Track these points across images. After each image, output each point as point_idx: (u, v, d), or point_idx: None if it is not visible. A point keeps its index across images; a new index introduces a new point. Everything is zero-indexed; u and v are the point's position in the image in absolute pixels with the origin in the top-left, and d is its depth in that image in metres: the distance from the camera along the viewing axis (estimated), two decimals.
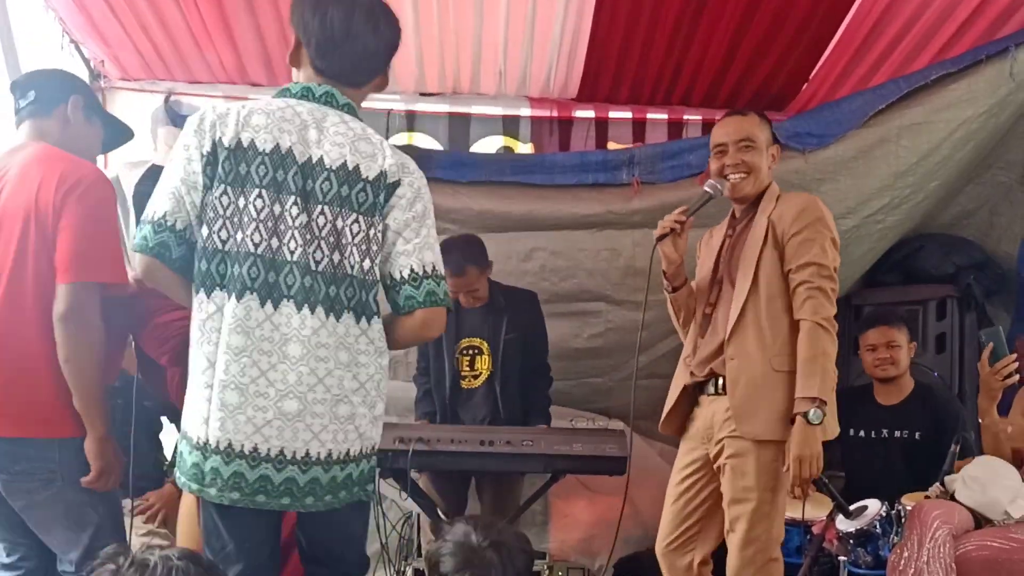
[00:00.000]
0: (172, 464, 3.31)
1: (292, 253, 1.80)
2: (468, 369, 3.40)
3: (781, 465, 2.43)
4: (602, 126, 4.11)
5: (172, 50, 3.66)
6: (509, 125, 4.16)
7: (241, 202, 1.79)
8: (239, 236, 1.79)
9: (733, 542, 2.51)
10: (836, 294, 2.45)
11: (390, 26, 1.94)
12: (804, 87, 3.87)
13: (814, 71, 3.75)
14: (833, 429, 2.49)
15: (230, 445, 1.77)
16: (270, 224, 1.80)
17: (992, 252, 3.89)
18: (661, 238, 2.62)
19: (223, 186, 1.79)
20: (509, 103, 4.09)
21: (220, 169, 1.79)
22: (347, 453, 1.86)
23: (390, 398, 3.88)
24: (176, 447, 1.91)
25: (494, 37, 3.60)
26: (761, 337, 2.46)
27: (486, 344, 3.37)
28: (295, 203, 1.80)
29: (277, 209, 1.80)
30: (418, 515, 3.59)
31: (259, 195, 1.79)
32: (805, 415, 2.34)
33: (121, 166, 3.63)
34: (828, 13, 3.37)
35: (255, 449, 1.77)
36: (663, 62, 3.70)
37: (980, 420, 3.08)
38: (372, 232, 1.85)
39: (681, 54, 3.64)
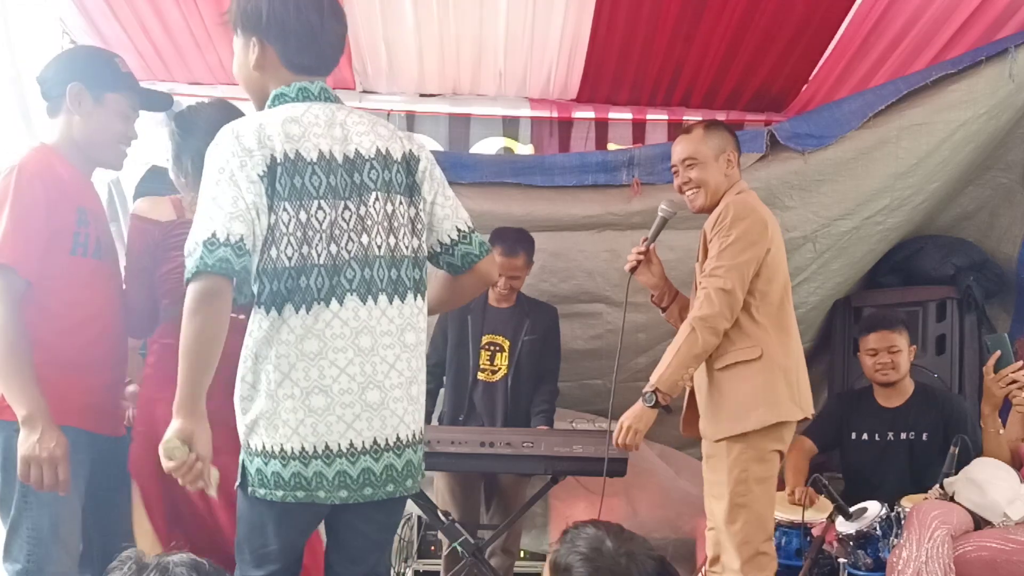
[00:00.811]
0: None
1: (349, 252, 1.82)
2: (488, 363, 3.52)
3: (755, 457, 2.52)
4: (602, 127, 4.11)
5: (172, 50, 3.66)
6: (509, 126, 4.17)
7: (303, 216, 1.78)
8: (305, 250, 1.78)
9: (719, 537, 2.58)
10: (729, 292, 2.51)
11: (342, 12, 1.97)
12: (804, 88, 3.87)
13: (814, 72, 3.76)
14: (792, 413, 2.58)
15: (327, 447, 1.79)
16: (332, 232, 1.81)
17: (992, 253, 3.89)
18: (632, 271, 2.85)
19: (283, 203, 1.78)
20: (509, 104, 4.09)
21: (278, 186, 1.78)
22: (421, 432, 1.92)
23: None
24: (248, 466, 1.83)
25: (494, 38, 3.60)
26: None
27: (507, 342, 3.51)
28: (348, 204, 1.82)
29: (334, 215, 1.81)
30: (418, 517, 3.60)
31: (319, 207, 1.80)
32: (644, 395, 2.55)
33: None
34: (828, 14, 3.37)
35: (351, 445, 1.80)
36: (663, 63, 3.70)
37: (982, 425, 3.09)
38: (414, 211, 1.92)
39: (681, 55, 3.64)
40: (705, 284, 2.54)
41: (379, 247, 1.84)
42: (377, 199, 1.85)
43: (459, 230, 1.99)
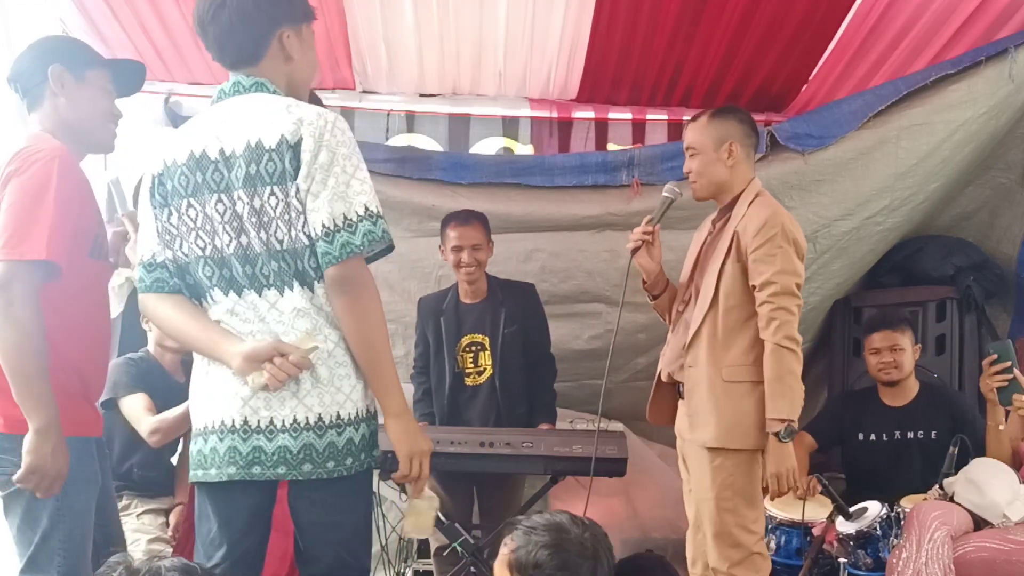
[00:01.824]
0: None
1: (228, 247, 1.84)
2: (472, 366, 3.39)
3: (741, 461, 2.50)
4: (602, 127, 4.10)
5: (172, 50, 3.66)
6: (509, 126, 4.16)
7: (175, 217, 1.88)
8: (186, 246, 1.88)
9: (707, 540, 2.57)
10: (800, 309, 2.51)
11: None
12: (803, 88, 3.86)
13: (813, 72, 3.75)
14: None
15: (222, 422, 1.83)
16: (208, 227, 1.85)
17: (992, 253, 3.89)
18: (635, 251, 2.75)
19: (164, 208, 1.89)
20: (509, 104, 4.09)
21: (157, 195, 1.89)
22: (338, 416, 1.84)
23: None
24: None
25: (494, 38, 3.60)
26: (714, 348, 2.55)
27: (487, 339, 3.37)
28: (219, 200, 1.83)
29: (208, 210, 1.84)
30: None
31: (189, 204, 1.86)
32: (777, 435, 2.42)
33: (120, 167, 3.63)
34: (827, 14, 3.37)
35: (245, 421, 1.82)
36: (663, 63, 3.70)
37: (987, 421, 3.10)
38: (287, 201, 1.78)
39: (681, 55, 3.63)
40: (780, 303, 2.45)
41: (249, 243, 1.82)
42: (240, 198, 1.81)
43: (323, 225, 1.75)
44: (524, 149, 4.16)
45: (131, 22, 3.46)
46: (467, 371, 3.39)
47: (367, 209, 1.77)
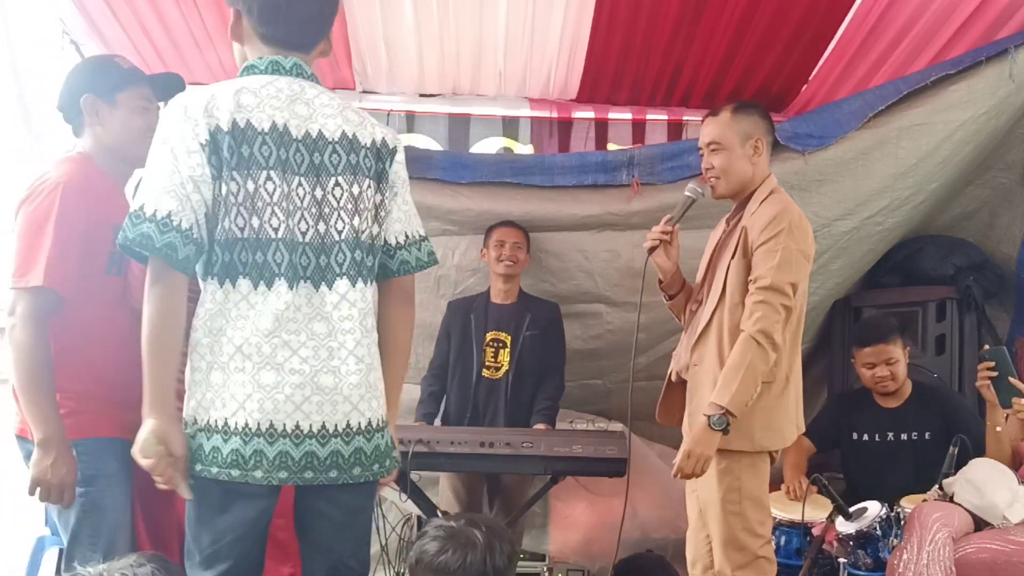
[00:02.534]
0: None
1: (304, 234, 1.80)
2: (492, 360, 3.55)
3: (747, 465, 2.47)
4: (602, 127, 4.10)
5: (172, 50, 3.66)
6: (509, 126, 4.16)
7: (251, 186, 1.76)
8: (255, 222, 1.76)
9: (713, 543, 2.55)
10: (789, 311, 2.43)
11: None
12: (803, 88, 3.86)
13: (813, 72, 3.75)
14: (792, 438, 2.54)
15: (272, 425, 1.76)
16: (284, 204, 1.78)
17: (991, 254, 3.88)
18: (652, 250, 2.71)
19: (231, 172, 1.75)
20: (509, 104, 4.08)
21: (225, 154, 1.75)
22: (381, 420, 1.89)
23: None
24: (191, 443, 1.81)
25: (494, 38, 3.60)
26: (720, 346, 2.51)
27: (509, 337, 3.54)
28: (300, 183, 1.80)
29: (285, 189, 1.79)
30: (418, 517, 3.59)
31: (268, 177, 1.77)
32: (709, 418, 2.37)
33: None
34: (827, 14, 3.37)
35: (297, 426, 1.78)
36: (663, 63, 3.70)
37: (987, 421, 3.10)
38: (379, 197, 1.91)
39: (681, 55, 3.63)
40: (766, 298, 2.39)
41: (340, 232, 1.83)
42: (338, 184, 1.84)
43: (407, 235, 1.97)
44: (524, 149, 4.16)
45: (131, 22, 3.46)
46: (487, 364, 3.55)
47: (423, 233, 2.02)
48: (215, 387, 1.77)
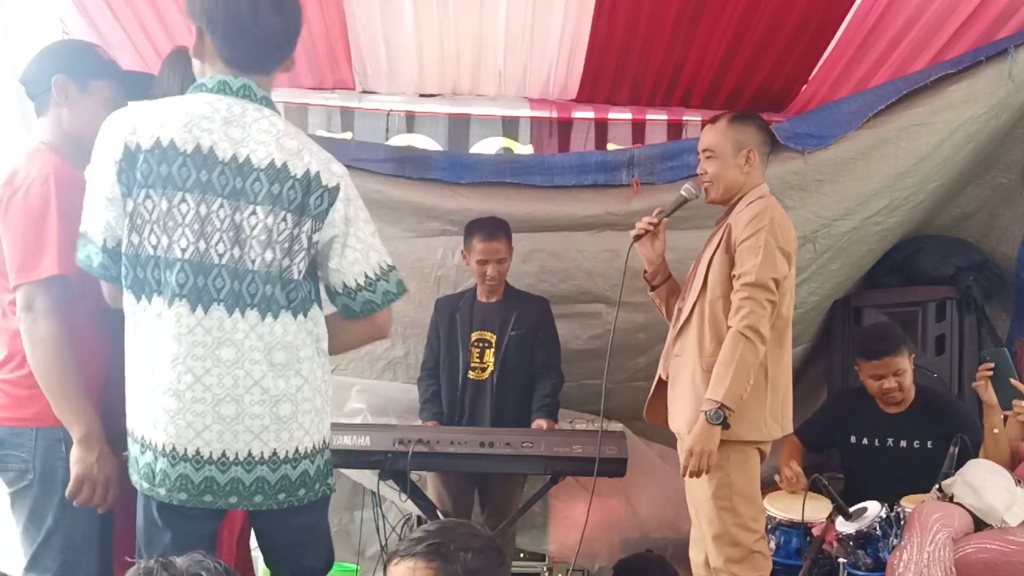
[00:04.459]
0: None
1: (221, 256, 1.79)
2: (478, 361, 3.49)
3: (736, 459, 2.51)
4: (602, 127, 4.10)
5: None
6: (509, 126, 4.16)
7: (164, 205, 1.77)
8: (165, 241, 1.77)
9: (706, 540, 2.58)
10: (774, 305, 2.50)
11: (293, 8, 1.89)
12: (803, 88, 3.86)
13: (813, 72, 3.75)
14: (772, 432, 2.59)
15: (174, 449, 1.79)
16: (196, 227, 1.77)
17: (991, 253, 3.88)
18: (637, 238, 2.81)
19: (145, 190, 1.76)
20: (509, 104, 4.08)
21: (138, 173, 1.76)
22: (296, 451, 1.86)
23: (389, 399, 3.90)
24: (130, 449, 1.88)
25: (494, 38, 3.60)
26: (701, 338, 2.58)
27: (494, 337, 3.47)
28: (222, 205, 1.78)
29: (203, 211, 1.77)
30: (418, 517, 3.59)
31: (183, 199, 1.77)
32: (706, 413, 2.44)
33: None
34: (827, 14, 3.37)
35: (198, 452, 1.80)
36: (662, 63, 3.70)
37: (984, 423, 3.09)
38: (297, 231, 1.83)
39: (680, 55, 3.63)
40: (751, 294, 2.47)
41: (253, 260, 1.80)
42: (255, 213, 1.79)
43: (367, 276, 1.90)
44: (524, 149, 4.16)
45: (131, 22, 3.46)
46: (472, 365, 3.48)
47: (389, 263, 1.95)
48: (134, 400, 1.85)
